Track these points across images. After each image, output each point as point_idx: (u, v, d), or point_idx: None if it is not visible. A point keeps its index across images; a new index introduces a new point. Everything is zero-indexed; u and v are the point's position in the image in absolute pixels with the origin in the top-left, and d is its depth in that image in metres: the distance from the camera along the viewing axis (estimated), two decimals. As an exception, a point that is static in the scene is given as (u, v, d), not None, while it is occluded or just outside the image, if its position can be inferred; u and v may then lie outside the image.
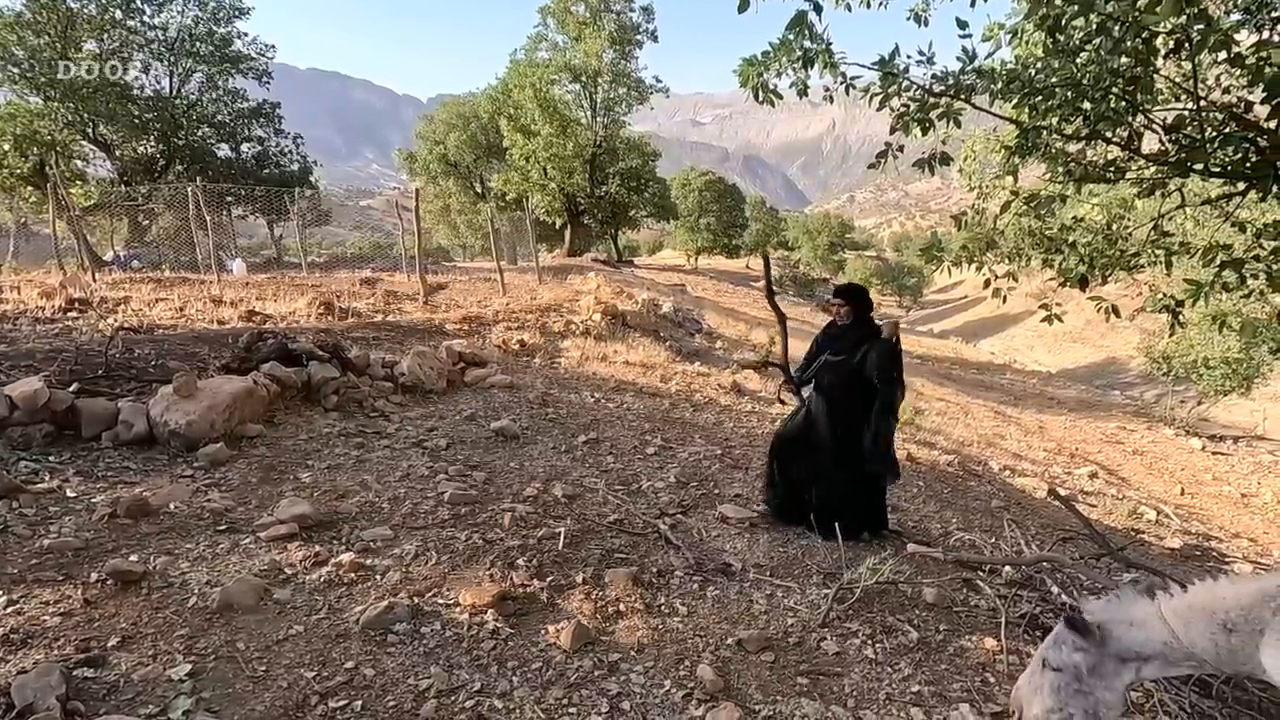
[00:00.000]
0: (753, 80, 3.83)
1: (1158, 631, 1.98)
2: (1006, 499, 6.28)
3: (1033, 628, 3.26)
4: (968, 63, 3.73)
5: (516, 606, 2.84)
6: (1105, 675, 2.02)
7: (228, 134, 25.55)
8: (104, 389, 4.64)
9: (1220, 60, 3.51)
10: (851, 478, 3.87)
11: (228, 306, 8.48)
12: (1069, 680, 2.05)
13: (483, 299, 11.94)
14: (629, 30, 28.24)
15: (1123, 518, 7.48)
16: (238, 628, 2.48)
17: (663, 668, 2.57)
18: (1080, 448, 12.95)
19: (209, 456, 4.05)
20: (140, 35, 22.76)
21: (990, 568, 3.75)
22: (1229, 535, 8.73)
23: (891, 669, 2.78)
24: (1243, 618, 1.89)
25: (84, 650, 2.24)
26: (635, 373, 8.34)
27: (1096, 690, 2.03)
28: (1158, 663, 1.99)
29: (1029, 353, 32.87)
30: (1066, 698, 2.05)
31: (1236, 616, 1.89)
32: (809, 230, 54.60)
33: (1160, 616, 1.98)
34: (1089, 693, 2.03)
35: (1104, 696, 2.01)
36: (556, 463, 4.85)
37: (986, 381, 21.80)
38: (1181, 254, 4.22)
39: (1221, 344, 17.40)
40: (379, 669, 2.35)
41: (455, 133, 34.23)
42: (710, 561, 3.48)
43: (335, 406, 5.35)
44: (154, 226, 24.12)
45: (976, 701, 2.62)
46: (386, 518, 3.58)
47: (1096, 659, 2.03)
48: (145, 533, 3.13)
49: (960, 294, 51.63)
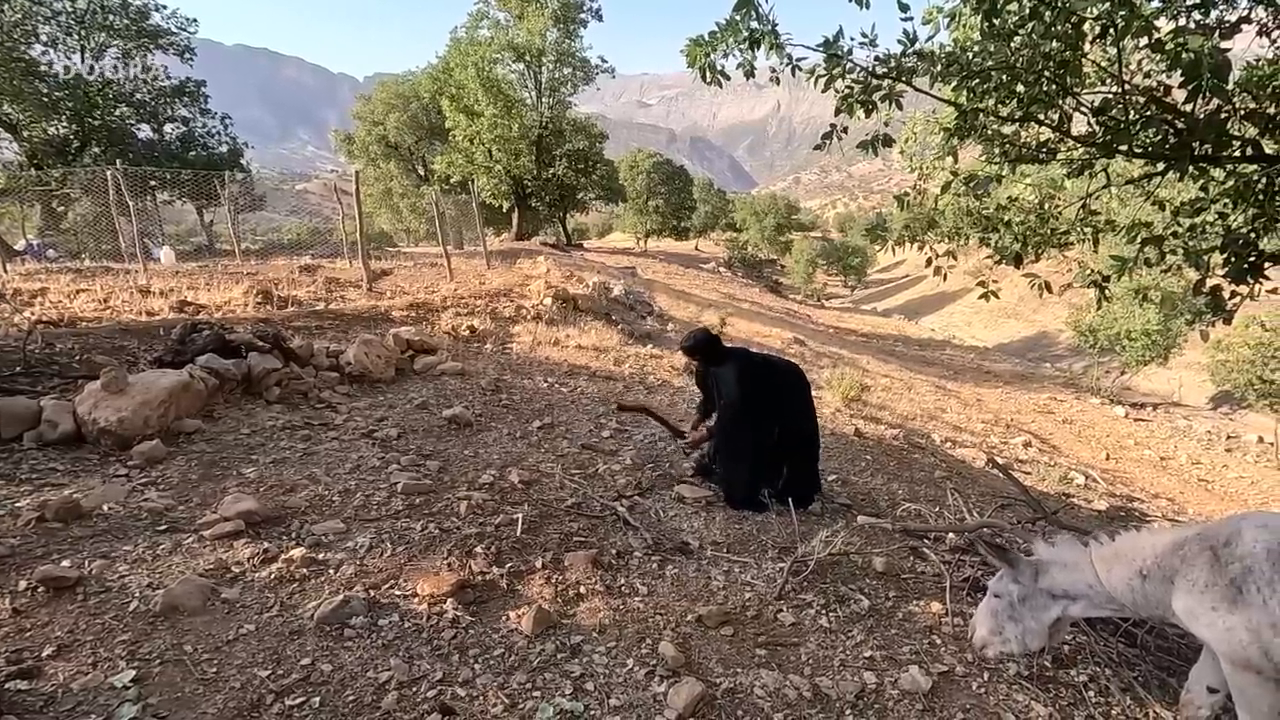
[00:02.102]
0: (700, 61, 3.83)
1: (1086, 575, 2.32)
2: (949, 470, 6.55)
3: (974, 590, 3.43)
4: (908, 45, 3.81)
5: (476, 594, 2.82)
6: (1035, 607, 2.42)
7: (149, 114, 23.98)
8: (23, 387, 4.36)
9: (1142, 46, 3.69)
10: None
11: (157, 297, 8.06)
12: (1004, 606, 2.47)
13: (430, 285, 11.66)
14: (572, 9, 27.71)
15: (1054, 483, 7.90)
16: (184, 630, 2.39)
17: (624, 647, 2.60)
18: (1015, 418, 13.58)
19: (144, 454, 3.86)
20: (45, 6, 21.15)
21: (935, 535, 3.91)
22: (1150, 496, 9.33)
23: (845, 636, 2.89)
24: (1156, 565, 2.16)
25: (15, 662, 2.12)
26: (588, 357, 8.32)
27: (1026, 618, 2.43)
28: (1083, 603, 2.36)
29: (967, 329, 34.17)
30: (1003, 620, 2.47)
31: (1151, 565, 2.17)
32: (756, 212, 55.11)
33: (1090, 562, 2.32)
34: (1019, 619, 2.44)
35: (1031, 624, 2.42)
36: (512, 449, 4.81)
37: (928, 357, 22.60)
38: (1107, 232, 4.44)
39: (1142, 317, 18.44)
40: (336, 664, 2.31)
41: (395, 113, 33.09)
42: (668, 541, 3.52)
43: (279, 399, 5.17)
44: (70, 213, 22.64)
45: (925, 663, 2.74)
46: (338, 511, 3.49)
47: (1029, 591, 2.43)
48: (78, 536, 2.97)
49: (902, 273, 53.14)
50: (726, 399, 4.18)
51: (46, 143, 21.75)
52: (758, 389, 4.14)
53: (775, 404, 4.18)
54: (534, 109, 29.04)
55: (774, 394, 4.22)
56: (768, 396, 4.16)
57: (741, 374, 4.17)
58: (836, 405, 8.58)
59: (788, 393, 4.33)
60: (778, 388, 4.27)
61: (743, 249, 47.89)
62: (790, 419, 4.24)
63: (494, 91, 25.86)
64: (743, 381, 4.12)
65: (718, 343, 4.34)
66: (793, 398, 4.34)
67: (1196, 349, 19.17)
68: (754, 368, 4.29)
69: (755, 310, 22.71)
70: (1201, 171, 3.63)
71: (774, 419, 4.16)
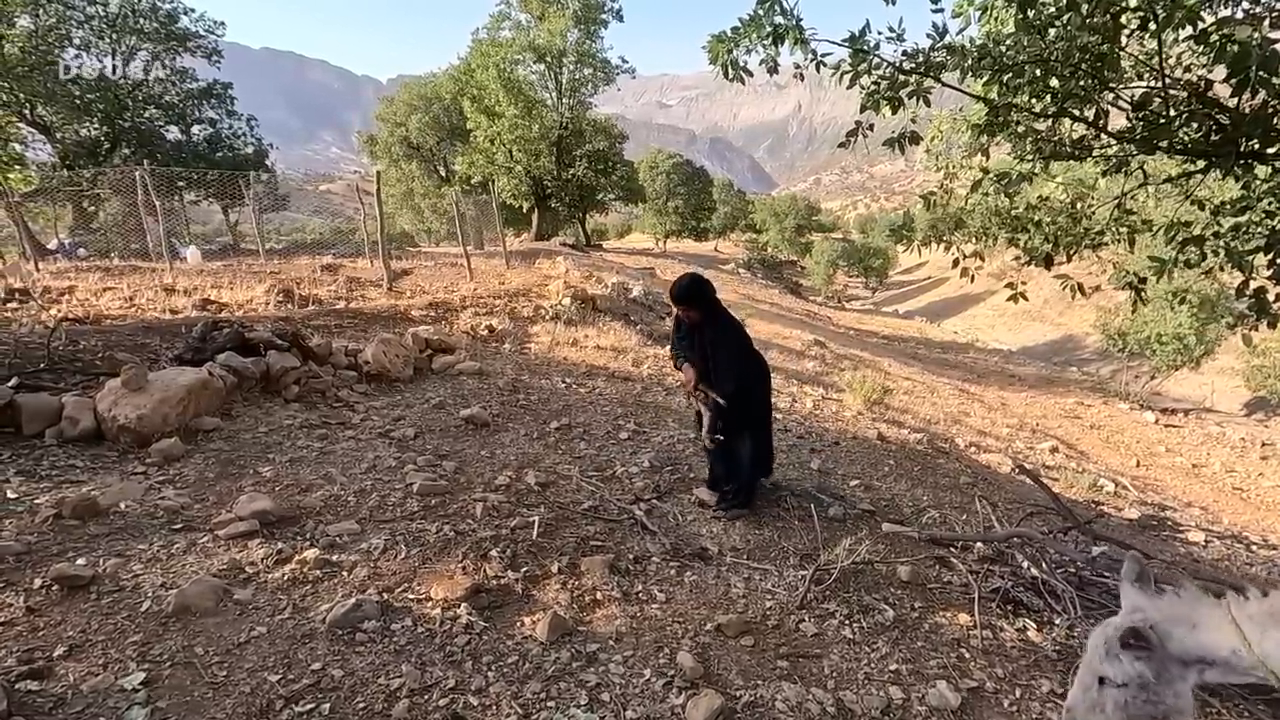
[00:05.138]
0: (722, 57, 3.76)
1: (1226, 637, 1.75)
2: (974, 475, 6.39)
3: (1004, 602, 3.31)
4: (938, 39, 3.70)
5: (490, 599, 2.77)
6: (1171, 682, 1.77)
7: (177, 115, 24.42)
8: (47, 383, 4.39)
9: (1184, 38, 3.54)
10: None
11: (181, 295, 8.15)
12: (1135, 693, 1.79)
13: (449, 284, 11.69)
14: (593, 9, 27.73)
15: (1083, 490, 7.69)
16: (196, 632, 2.36)
17: (642, 656, 2.53)
18: (1041, 423, 13.29)
19: (162, 452, 3.86)
20: (79, 11, 21.60)
21: (962, 544, 3.79)
22: (1183, 504, 9.05)
23: (869, 648, 2.79)
24: None
25: (27, 662, 2.10)
26: (607, 357, 8.26)
27: (1166, 699, 1.78)
28: (1220, 669, 1.77)
29: (990, 331, 33.61)
30: (1134, 713, 1.79)
31: None
32: (776, 213, 54.76)
33: (1231, 621, 1.75)
34: (1158, 703, 1.78)
35: (1174, 704, 1.76)
36: (529, 450, 4.76)
37: (951, 360, 22.25)
38: (1143, 232, 4.28)
39: (1173, 320, 17.97)
40: (348, 669, 2.26)
41: (417, 114, 33.35)
42: (687, 546, 3.45)
43: (296, 397, 5.17)
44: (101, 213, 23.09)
45: (953, 678, 2.64)
46: (353, 511, 3.46)
47: (1159, 665, 1.77)
48: (94, 534, 2.96)
49: (924, 275, 52.46)
50: (736, 364, 3.77)
51: (78, 144, 22.23)
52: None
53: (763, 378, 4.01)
54: (554, 110, 29.11)
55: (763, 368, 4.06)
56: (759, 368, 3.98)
57: (744, 334, 3.90)
58: (858, 408, 8.43)
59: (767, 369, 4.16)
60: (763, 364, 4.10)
61: (762, 250, 47.60)
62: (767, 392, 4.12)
63: (515, 92, 25.97)
64: (750, 348, 3.85)
65: (713, 289, 3.87)
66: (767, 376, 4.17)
67: (1230, 353, 18.65)
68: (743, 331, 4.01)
69: (775, 312, 22.53)
70: (1245, 169, 3.48)
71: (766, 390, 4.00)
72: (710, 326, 3.79)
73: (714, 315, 3.79)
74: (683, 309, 3.80)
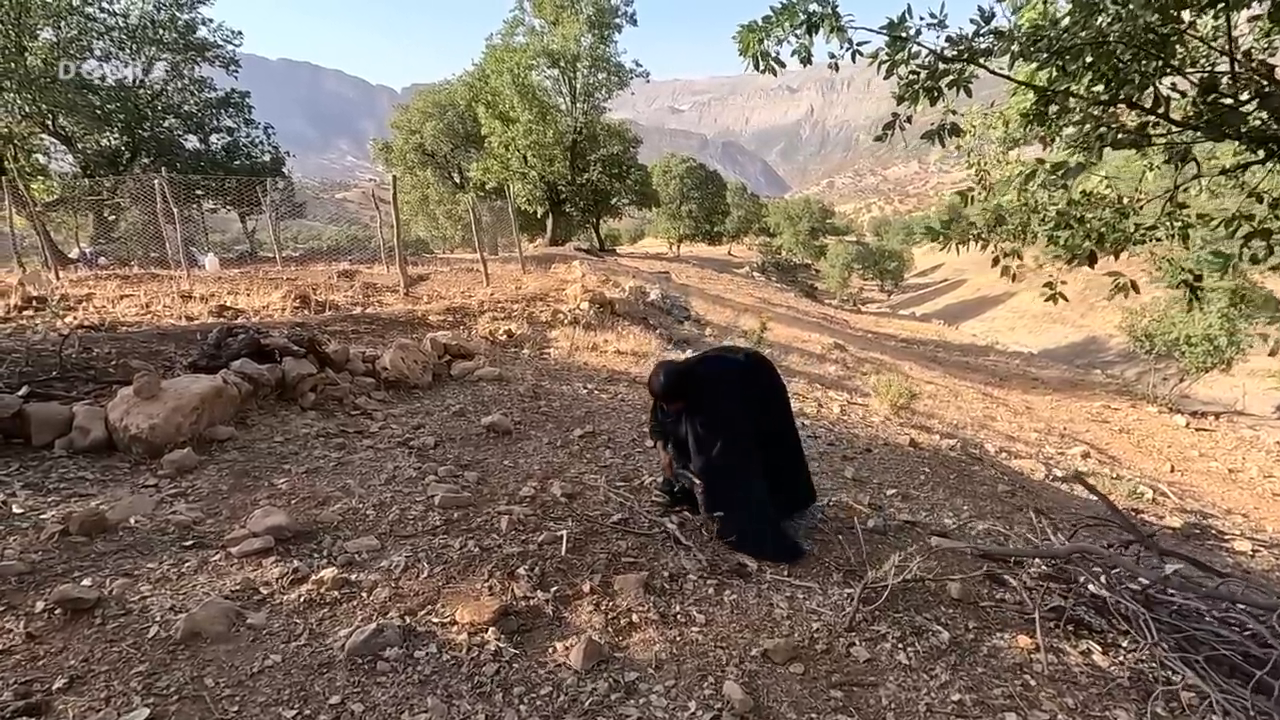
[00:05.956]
0: (753, 48, 3.59)
1: None
2: (1012, 483, 6.13)
3: (1066, 622, 3.07)
4: (983, 24, 3.50)
5: (520, 622, 2.58)
6: None
7: (195, 124, 24.61)
8: (58, 392, 4.28)
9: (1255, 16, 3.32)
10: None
11: (197, 302, 8.07)
12: None
13: (466, 289, 11.57)
14: (607, 13, 27.65)
15: (1122, 498, 7.39)
16: (205, 660, 2.19)
17: (685, 687, 2.33)
18: (1068, 427, 12.93)
19: (174, 463, 3.72)
20: (100, 23, 21.83)
21: (1016, 560, 3.56)
22: (1223, 512, 8.70)
23: (927, 675, 2.57)
24: None
25: (24, 695, 1.94)
26: (627, 362, 8.07)
27: None
28: None
29: (1010, 334, 33.05)
30: None
31: None
32: (790, 216, 54.36)
33: None
34: None
35: None
36: (553, 459, 4.58)
37: (972, 363, 21.85)
38: (1197, 226, 4.03)
39: (1203, 321, 17.49)
40: (368, 703, 2.08)
41: (431, 121, 33.44)
42: (724, 562, 3.24)
43: (313, 405, 5.03)
44: (121, 222, 23.28)
45: (1021, 709, 2.42)
46: (372, 526, 3.29)
47: None
48: (101, 552, 2.81)
49: (940, 277, 51.86)
50: (718, 445, 3.35)
51: (99, 153, 22.44)
52: (747, 411, 3.48)
53: (763, 414, 3.57)
54: (568, 114, 29.05)
55: (761, 407, 3.58)
56: (755, 410, 3.52)
57: (727, 407, 3.43)
58: (885, 413, 8.19)
59: (771, 395, 3.70)
60: (763, 400, 3.65)
61: (777, 253, 47.27)
62: (776, 420, 3.69)
63: (529, 97, 25.93)
64: (732, 418, 3.41)
65: (690, 374, 3.51)
66: (775, 399, 3.73)
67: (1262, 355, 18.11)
68: (731, 385, 3.55)
69: (792, 315, 22.26)
70: (1315, 159, 3.24)
71: (773, 443, 3.57)
72: (690, 414, 3.49)
73: (696, 402, 3.47)
74: (670, 402, 3.55)
